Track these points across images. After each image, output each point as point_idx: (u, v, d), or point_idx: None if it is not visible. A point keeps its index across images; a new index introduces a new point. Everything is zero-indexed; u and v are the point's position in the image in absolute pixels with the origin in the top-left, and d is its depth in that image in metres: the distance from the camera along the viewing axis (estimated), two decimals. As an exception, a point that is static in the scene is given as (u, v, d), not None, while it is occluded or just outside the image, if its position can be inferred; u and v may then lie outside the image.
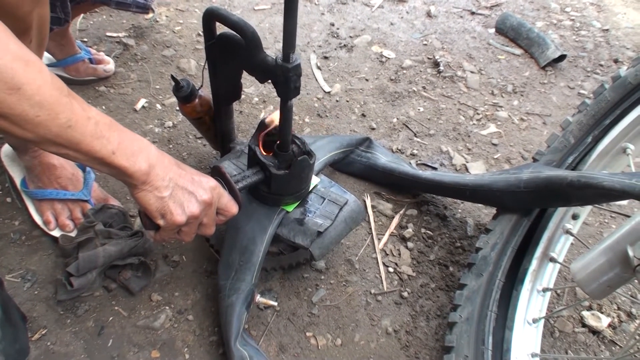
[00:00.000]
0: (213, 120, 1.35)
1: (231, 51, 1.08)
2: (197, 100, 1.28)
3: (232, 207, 1.04)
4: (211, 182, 0.98)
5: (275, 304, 1.24)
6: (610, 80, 1.33)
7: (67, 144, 0.78)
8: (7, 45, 0.69)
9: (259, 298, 1.21)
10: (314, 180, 1.25)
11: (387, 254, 1.40)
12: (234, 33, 1.02)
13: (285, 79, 0.95)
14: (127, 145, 0.84)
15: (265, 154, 1.13)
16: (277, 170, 1.09)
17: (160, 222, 0.93)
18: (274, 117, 1.12)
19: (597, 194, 1.12)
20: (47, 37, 1.10)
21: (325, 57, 2.11)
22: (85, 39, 1.98)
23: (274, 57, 0.97)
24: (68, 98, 0.76)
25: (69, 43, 1.67)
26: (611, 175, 1.09)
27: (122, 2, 1.36)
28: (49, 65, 1.69)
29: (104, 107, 1.70)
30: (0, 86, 0.68)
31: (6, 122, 0.72)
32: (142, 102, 1.75)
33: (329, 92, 1.93)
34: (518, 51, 2.28)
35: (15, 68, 0.68)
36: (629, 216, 1.44)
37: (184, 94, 1.25)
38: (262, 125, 1.14)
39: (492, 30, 2.41)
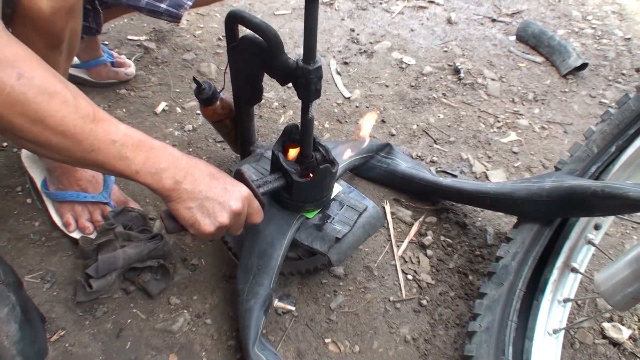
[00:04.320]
0: (234, 123, 1.35)
1: (253, 53, 1.08)
2: (218, 102, 1.29)
3: (258, 217, 1.05)
4: (243, 190, 0.99)
5: (293, 308, 1.23)
6: (635, 89, 1.32)
7: (92, 165, 0.83)
8: (32, 79, 0.73)
9: (277, 302, 1.21)
10: (336, 188, 1.25)
11: (406, 261, 1.39)
12: (256, 35, 1.02)
13: (306, 81, 0.95)
14: (152, 163, 0.87)
15: (288, 160, 1.13)
16: (299, 177, 1.09)
17: (191, 230, 0.96)
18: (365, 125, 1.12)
19: (622, 205, 1.11)
20: (77, 47, 1.13)
21: (345, 63, 2.10)
22: (107, 42, 2.00)
23: (295, 60, 0.97)
24: (93, 124, 0.80)
25: (95, 46, 1.68)
26: (636, 186, 1.08)
27: (154, 10, 1.36)
28: (72, 66, 1.70)
29: (124, 110, 1.71)
30: (25, 118, 0.73)
31: (32, 146, 0.78)
32: (162, 105, 1.76)
33: (348, 98, 1.92)
34: (539, 59, 2.26)
35: (39, 102, 0.73)
36: (653, 227, 1.42)
37: (206, 96, 1.26)
38: (287, 131, 1.14)
39: (513, 38, 2.39)
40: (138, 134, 0.87)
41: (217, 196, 0.94)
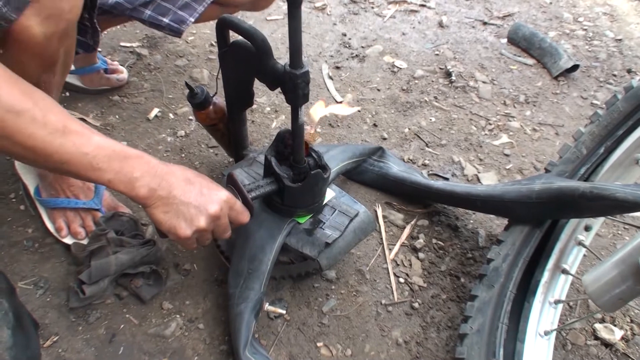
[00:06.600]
0: (227, 127, 1.36)
1: (243, 58, 1.09)
2: (211, 107, 1.30)
3: (243, 218, 1.05)
4: (222, 194, 0.99)
5: (284, 312, 1.24)
6: (623, 90, 1.32)
7: (66, 173, 0.86)
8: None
9: (267, 306, 1.21)
10: (329, 194, 1.25)
11: (398, 265, 1.40)
12: (246, 41, 1.04)
13: (293, 85, 0.96)
14: (125, 172, 0.88)
15: (281, 165, 1.13)
16: (290, 183, 1.09)
17: (170, 236, 0.97)
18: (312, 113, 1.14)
19: (610, 206, 1.11)
20: (71, 64, 1.15)
21: (337, 67, 2.11)
22: (100, 49, 2.00)
23: (283, 65, 0.97)
24: (62, 138, 0.81)
25: (92, 54, 1.69)
26: (624, 187, 1.08)
27: (157, 24, 1.38)
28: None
29: (117, 117, 1.72)
30: None
31: (10, 154, 0.84)
32: (155, 111, 1.76)
33: (340, 102, 1.93)
34: (530, 61, 2.27)
35: (5, 120, 0.75)
36: (642, 228, 1.43)
37: (198, 100, 1.27)
38: (280, 136, 1.14)
39: (505, 41, 2.40)
40: (112, 144, 0.88)
41: (193, 200, 0.95)
